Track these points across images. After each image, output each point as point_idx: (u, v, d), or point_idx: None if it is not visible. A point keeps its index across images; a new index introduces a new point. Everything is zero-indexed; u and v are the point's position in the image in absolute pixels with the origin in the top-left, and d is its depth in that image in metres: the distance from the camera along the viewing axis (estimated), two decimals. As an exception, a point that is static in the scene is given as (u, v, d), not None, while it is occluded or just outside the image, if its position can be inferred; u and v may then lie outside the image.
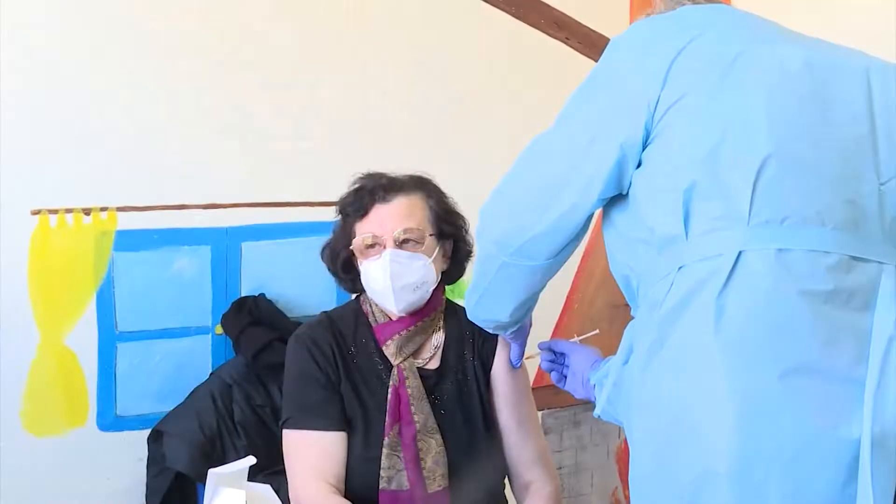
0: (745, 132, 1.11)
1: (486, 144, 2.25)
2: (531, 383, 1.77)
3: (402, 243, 1.60)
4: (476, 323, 1.54)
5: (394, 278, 1.58)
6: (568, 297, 2.37)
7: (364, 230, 1.62)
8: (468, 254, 1.73)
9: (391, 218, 1.61)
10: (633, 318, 1.25)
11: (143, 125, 1.90)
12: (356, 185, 1.67)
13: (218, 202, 1.97)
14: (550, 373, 1.57)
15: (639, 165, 1.19)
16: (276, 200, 2.03)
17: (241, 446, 1.82)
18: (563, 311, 2.36)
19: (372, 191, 1.63)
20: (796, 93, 1.13)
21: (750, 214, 1.08)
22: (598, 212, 1.26)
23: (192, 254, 1.95)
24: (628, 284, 1.25)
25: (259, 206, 2.02)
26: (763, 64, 1.15)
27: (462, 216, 1.73)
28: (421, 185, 1.67)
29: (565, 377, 1.55)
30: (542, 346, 1.61)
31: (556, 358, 1.57)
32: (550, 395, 2.27)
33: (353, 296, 1.76)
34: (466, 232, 1.72)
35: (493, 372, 1.70)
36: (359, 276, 1.66)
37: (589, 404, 2.37)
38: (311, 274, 2.03)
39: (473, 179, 2.16)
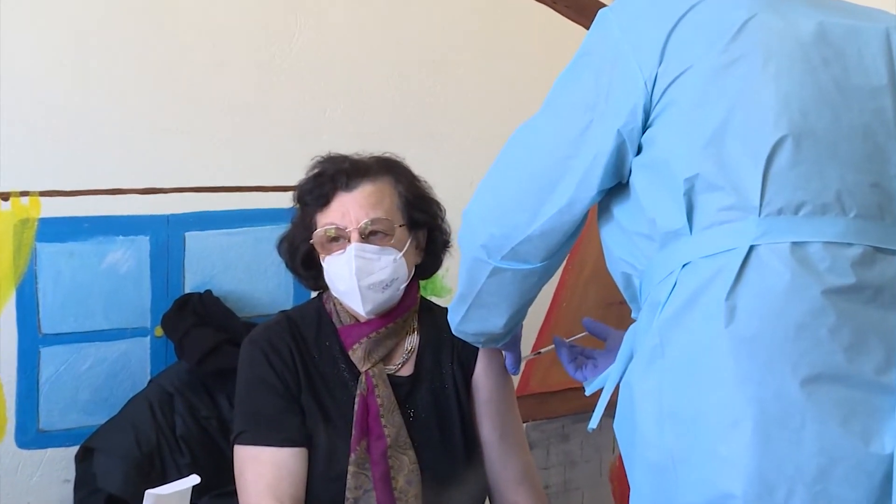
0: (754, 111, 1.14)
1: (463, 122, 2.27)
2: (515, 391, 1.80)
3: (368, 236, 1.62)
4: (463, 338, 1.57)
5: (360, 276, 1.60)
6: (555, 294, 2.39)
7: (325, 221, 1.64)
8: (445, 244, 1.76)
9: (355, 207, 1.62)
10: (634, 320, 1.28)
11: (71, 99, 1.88)
12: (315, 171, 1.69)
13: (158, 186, 1.97)
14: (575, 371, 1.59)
15: (639, 151, 1.21)
16: (225, 185, 2.03)
17: (183, 464, 1.81)
18: (549, 311, 2.39)
19: (333, 177, 1.64)
20: (810, 63, 1.15)
21: (761, 204, 1.11)
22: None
23: (129, 245, 1.94)
24: (629, 283, 1.28)
25: (205, 190, 2.01)
26: (772, 32, 1.16)
27: (436, 202, 1.75)
28: (388, 169, 1.69)
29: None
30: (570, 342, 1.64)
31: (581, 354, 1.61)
32: (536, 405, 2.31)
33: (315, 293, 1.78)
34: (442, 220, 1.75)
35: (474, 378, 1.73)
36: (321, 272, 1.67)
37: (578, 415, 2.43)
38: (265, 268, 2.05)
39: (449, 161, 2.21)
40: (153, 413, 1.85)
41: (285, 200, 1.77)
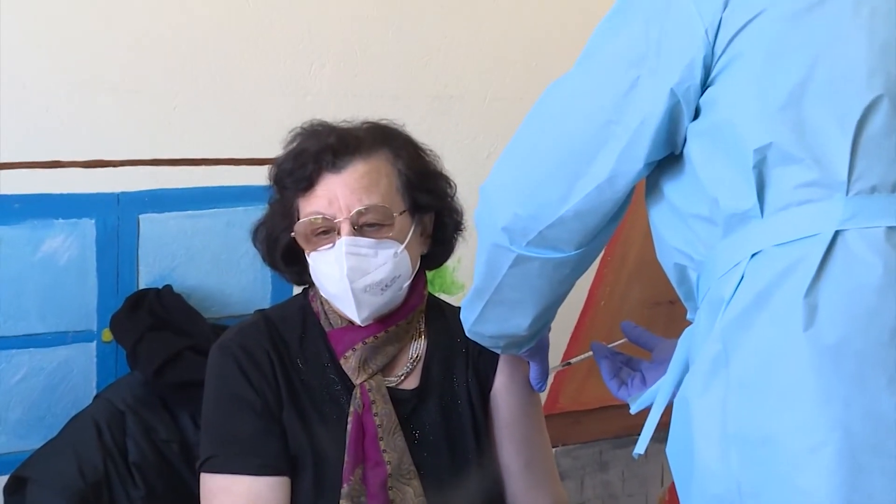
0: (842, 65, 1.14)
1: (479, 79, 2.27)
2: (543, 408, 1.81)
3: (362, 227, 1.62)
4: (479, 342, 1.58)
5: (353, 277, 1.60)
6: (591, 291, 2.40)
7: (309, 210, 1.64)
8: (456, 227, 1.76)
9: (345, 192, 1.62)
10: (690, 322, 1.28)
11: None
12: (294, 146, 1.68)
13: (105, 158, 1.97)
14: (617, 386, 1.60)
15: (696, 115, 1.22)
16: (188, 156, 2.04)
17: (137, 497, 1.83)
18: (583, 311, 2.40)
19: (317, 155, 1.64)
20: None
21: (850, 180, 1.12)
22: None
23: (70, 229, 1.95)
24: (684, 277, 1.28)
25: (163, 163, 2.02)
26: None
27: (445, 177, 1.76)
28: (385, 141, 1.69)
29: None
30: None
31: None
32: (567, 427, 2.32)
33: (300, 289, 1.79)
34: (452, 198, 1.75)
35: (493, 393, 1.74)
36: (307, 266, 1.68)
37: (619, 439, 2.44)
38: (237, 259, 2.07)
39: (462, 127, 2.21)
40: (100, 435, 1.85)
41: (261, 176, 1.76)
